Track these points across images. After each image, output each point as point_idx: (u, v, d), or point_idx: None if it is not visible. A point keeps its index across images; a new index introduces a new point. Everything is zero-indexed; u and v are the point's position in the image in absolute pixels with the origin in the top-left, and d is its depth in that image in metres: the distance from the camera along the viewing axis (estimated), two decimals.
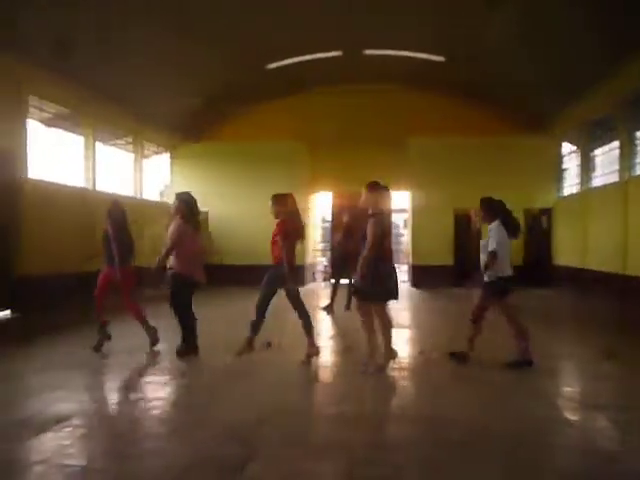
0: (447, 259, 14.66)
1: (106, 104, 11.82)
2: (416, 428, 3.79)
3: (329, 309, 9.67)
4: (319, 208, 18.02)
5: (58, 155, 11.02)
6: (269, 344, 6.41)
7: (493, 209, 5.53)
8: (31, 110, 9.83)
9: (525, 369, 5.24)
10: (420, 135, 14.63)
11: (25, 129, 9.49)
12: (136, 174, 13.71)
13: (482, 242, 5.50)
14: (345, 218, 10.23)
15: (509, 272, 5.40)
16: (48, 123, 10.67)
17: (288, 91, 15.50)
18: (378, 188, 5.61)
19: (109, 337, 6.30)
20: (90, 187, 11.49)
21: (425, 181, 14.72)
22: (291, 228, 5.75)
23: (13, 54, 8.86)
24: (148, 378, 5.19)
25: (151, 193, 14.99)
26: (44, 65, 9.58)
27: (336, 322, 8.97)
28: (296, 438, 3.60)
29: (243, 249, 14.50)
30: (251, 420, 3.93)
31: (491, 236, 5.34)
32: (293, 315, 5.91)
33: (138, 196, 13.76)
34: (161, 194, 15.68)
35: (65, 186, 10.73)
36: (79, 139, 11.52)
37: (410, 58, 13.57)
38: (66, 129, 11.24)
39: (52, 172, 10.58)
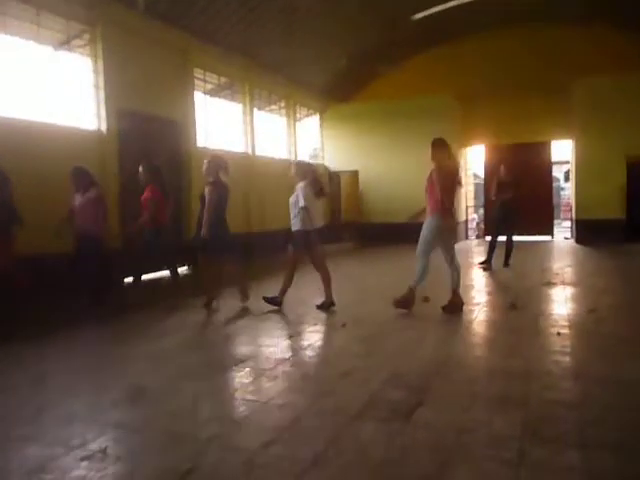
0: (617, 212, 13.29)
1: (261, 72, 12.36)
2: (598, 388, 3.56)
3: (487, 265, 9.36)
4: (471, 163, 17.31)
5: (220, 123, 11.81)
6: (426, 298, 6.41)
7: (303, 170, 6.38)
8: (196, 82, 10.62)
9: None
10: (585, 76, 13.22)
11: (193, 101, 10.30)
12: (290, 138, 14.26)
13: (290, 199, 6.32)
14: (502, 172, 9.69)
15: (318, 225, 6.34)
16: (210, 93, 11.46)
17: (436, 42, 14.90)
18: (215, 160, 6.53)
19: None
20: (250, 152, 12.21)
21: (592, 127, 13.35)
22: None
23: (181, 30, 9.59)
24: (312, 327, 5.48)
25: (303, 155, 15.50)
26: (207, 38, 10.24)
27: (495, 279, 8.66)
28: (465, 389, 3.58)
29: (394, 207, 14.50)
30: (417, 370, 3.99)
31: (299, 194, 6.16)
32: (447, 272, 5.92)
33: (292, 159, 14.32)
34: (311, 156, 16.15)
35: (228, 152, 11.50)
36: (238, 107, 12.24)
37: None
38: (226, 98, 11.99)
39: (216, 139, 11.38)
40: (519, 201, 9.46)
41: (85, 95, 8.16)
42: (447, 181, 5.73)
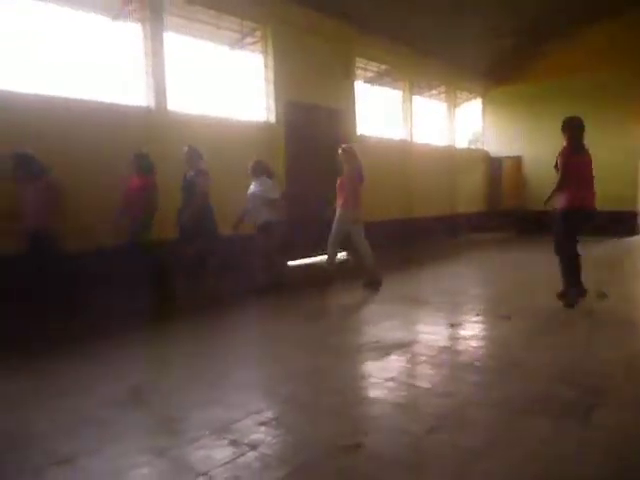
0: None
1: (422, 58, 12.17)
2: None
3: None
4: None
5: (379, 111, 11.88)
6: (602, 294, 5.90)
7: (261, 167, 6.79)
8: (357, 71, 10.80)
9: None
10: None
11: (353, 89, 10.51)
12: (449, 123, 13.90)
13: (251, 193, 6.70)
14: None
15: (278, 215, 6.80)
16: (370, 81, 11.57)
17: (616, 10, 13.35)
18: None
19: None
20: (408, 139, 12.15)
21: None
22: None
23: (344, 21, 9.81)
24: (474, 318, 5.33)
25: (462, 141, 15.02)
26: (369, 27, 10.34)
27: None
28: None
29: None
30: (592, 369, 3.69)
31: (266, 187, 6.67)
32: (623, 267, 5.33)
33: (451, 145, 13.96)
34: (470, 141, 15.59)
35: (386, 139, 11.56)
36: (397, 94, 12.21)
37: None
38: (385, 85, 12.02)
39: (374, 127, 11.48)
40: None
41: (257, 89, 8.74)
42: (355, 182, 6.83)
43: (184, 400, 3.42)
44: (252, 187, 6.77)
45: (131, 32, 7.15)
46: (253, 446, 2.72)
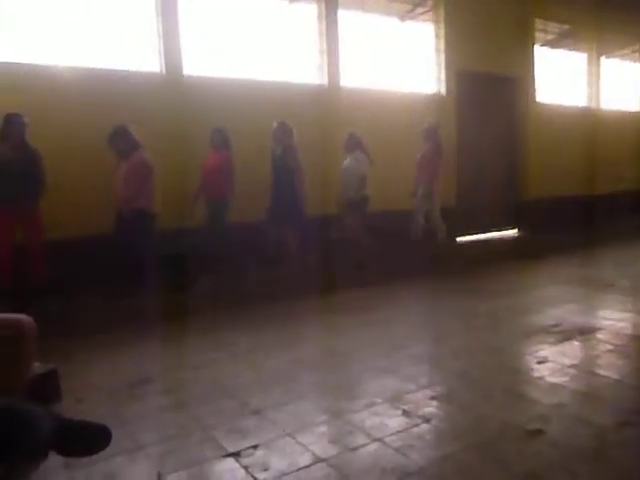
0: None
1: (610, 13, 10.82)
2: None
3: None
4: None
5: (559, 76, 10.89)
6: None
7: (354, 142, 6.46)
8: (536, 34, 9.99)
9: None
10: None
11: (532, 54, 9.77)
12: None
13: (345, 168, 6.42)
14: None
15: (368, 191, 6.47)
16: (550, 44, 10.62)
17: None
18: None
19: None
20: (593, 105, 11.00)
21: None
22: None
23: None
24: None
25: None
26: None
27: None
28: None
29: None
30: None
31: (359, 163, 6.37)
32: None
33: None
34: None
35: (567, 107, 10.60)
36: (580, 56, 11.06)
37: None
38: (567, 48, 10.95)
39: (555, 93, 10.57)
40: None
41: (427, 60, 8.54)
42: (435, 159, 7.12)
43: (360, 366, 3.55)
44: (346, 162, 6.51)
45: (306, 13, 7.39)
46: (426, 419, 2.74)
